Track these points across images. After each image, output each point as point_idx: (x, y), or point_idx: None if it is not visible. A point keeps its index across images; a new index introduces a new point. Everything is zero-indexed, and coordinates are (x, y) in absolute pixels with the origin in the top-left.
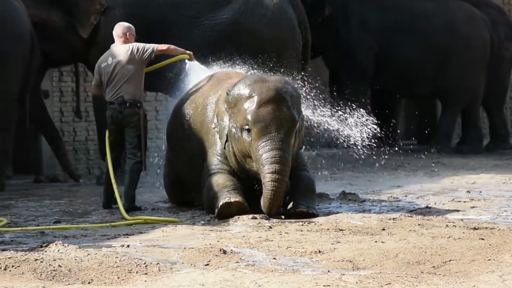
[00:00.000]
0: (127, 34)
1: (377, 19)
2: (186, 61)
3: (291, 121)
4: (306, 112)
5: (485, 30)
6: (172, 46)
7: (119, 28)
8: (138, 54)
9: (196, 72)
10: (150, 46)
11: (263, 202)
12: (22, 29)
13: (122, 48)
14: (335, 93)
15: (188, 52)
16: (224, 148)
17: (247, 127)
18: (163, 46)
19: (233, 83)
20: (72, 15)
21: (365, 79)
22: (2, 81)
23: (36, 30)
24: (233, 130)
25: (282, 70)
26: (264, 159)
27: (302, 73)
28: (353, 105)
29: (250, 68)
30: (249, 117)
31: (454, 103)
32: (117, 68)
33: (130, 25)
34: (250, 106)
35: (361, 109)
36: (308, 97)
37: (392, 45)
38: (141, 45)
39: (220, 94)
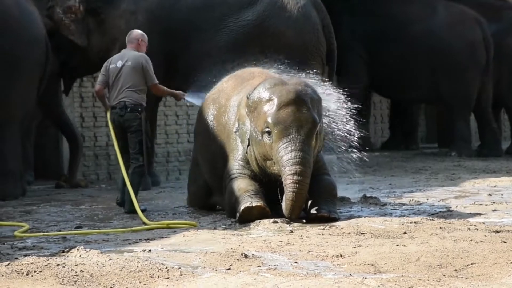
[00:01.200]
0: (139, 41)
1: (366, 27)
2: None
3: (312, 122)
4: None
5: (475, 31)
6: (162, 89)
7: (132, 35)
8: (144, 70)
9: (196, 102)
10: (152, 76)
11: (285, 204)
12: (37, 34)
13: (133, 54)
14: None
15: (177, 93)
16: (246, 152)
17: (267, 129)
18: (159, 88)
19: (255, 85)
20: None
21: (358, 87)
22: (18, 87)
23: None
24: (254, 134)
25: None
26: (285, 160)
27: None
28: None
29: (275, 66)
30: (269, 119)
31: (458, 107)
32: (123, 72)
33: (143, 33)
34: (270, 109)
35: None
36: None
37: (381, 53)
38: (149, 66)
39: (242, 97)
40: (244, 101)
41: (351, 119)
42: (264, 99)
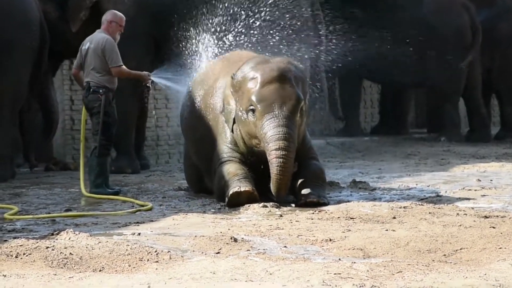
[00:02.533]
0: (109, 22)
1: (354, 12)
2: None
3: (295, 98)
4: None
5: (462, 16)
6: (125, 72)
7: (104, 16)
8: (103, 52)
9: (163, 83)
10: (113, 59)
11: (272, 180)
12: (30, 18)
13: (100, 37)
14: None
15: (142, 74)
16: (232, 131)
17: (251, 107)
18: (122, 71)
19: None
20: (64, 8)
21: (353, 74)
22: (11, 71)
23: None
24: (239, 113)
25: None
26: (269, 136)
27: None
28: None
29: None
30: (253, 97)
31: (446, 92)
32: (89, 54)
33: (117, 14)
34: (253, 86)
35: None
36: None
37: (369, 39)
38: (109, 48)
39: (223, 77)
40: (228, 81)
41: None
42: (248, 77)
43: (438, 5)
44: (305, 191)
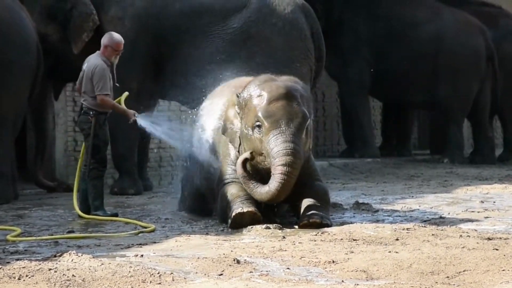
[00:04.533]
0: (105, 46)
1: (369, 28)
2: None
3: (302, 116)
4: None
5: (479, 39)
6: (109, 103)
7: (103, 38)
8: (92, 78)
9: (147, 126)
10: (99, 86)
11: (267, 189)
12: (28, 38)
13: (92, 61)
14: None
15: (128, 112)
16: (238, 151)
17: (258, 123)
18: (105, 101)
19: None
20: (66, 30)
21: (363, 91)
22: (10, 90)
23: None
24: (245, 130)
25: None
26: (275, 152)
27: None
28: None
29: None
30: (259, 113)
31: (454, 113)
32: (84, 77)
33: (113, 39)
34: (260, 103)
35: None
36: None
37: (384, 54)
38: (98, 75)
39: (228, 100)
40: (233, 101)
41: None
42: (254, 95)
43: (458, 25)
44: (308, 212)
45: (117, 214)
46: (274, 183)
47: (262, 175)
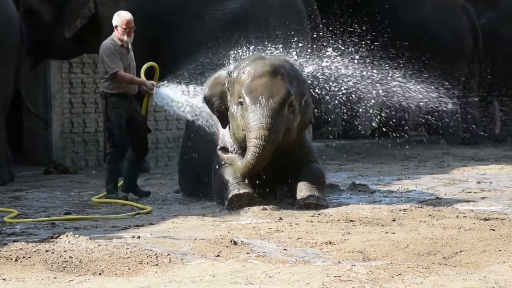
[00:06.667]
0: (115, 27)
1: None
2: (155, 90)
3: (284, 92)
4: None
5: (462, 19)
6: (128, 77)
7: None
8: (101, 58)
9: (165, 99)
10: (108, 65)
11: (242, 163)
12: (10, 17)
13: (104, 42)
14: None
15: (147, 83)
16: (224, 128)
17: (240, 100)
18: (122, 77)
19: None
20: (62, 13)
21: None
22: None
23: (28, 17)
24: (231, 108)
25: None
26: (251, 125)
27: None
28: None
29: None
30: (242, 90)
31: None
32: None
33: (120, 17)
34: (245, 80)
35: None
36: None
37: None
38: (105, 54)
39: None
40: (226, 79)
41: None
42: (242, 73)
43: (438, 7)
44: (304, 193)
45: (127, 197)
46: (247, 156)
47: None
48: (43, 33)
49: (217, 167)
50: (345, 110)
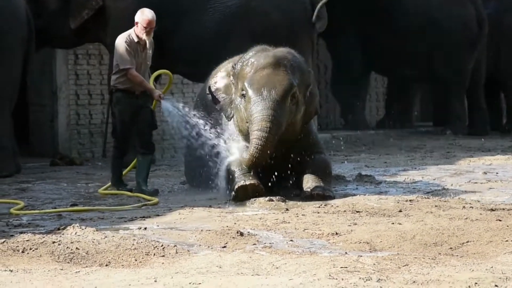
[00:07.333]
0: (136, 23)
1: (359, 5)
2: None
3: (287, 84)
4: None
5: (468, 9)
6: (138, 79)
7: (136, 15)
8: (114, 50)
9: (170, 113)
10: (121, 59)
11: (246, 155)
12: (18, 10)
13: (119, 36)
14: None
15: (155, 92)
16: (230, 119)
17: (243, 92)
18: (133, 76)
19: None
20: (68, 3)
21: (353, 65)
22: (6, 62)
23: (31, 4)
24: (236, 101)
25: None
26: (254, 117)
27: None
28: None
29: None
30: (245, 82)
31: (452, 85)
32: None
33: (143, 14)
34: (248, 72)
35: None
36: None
37: (373, 30)
38: (119, 47)
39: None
40: (230, 72)
41: None
42: (245, 65)
43: None
44: (311, 184)
45: (131, 189)
46: (250, 149)
47: None
48: (46, 21)
49: (223, 158)
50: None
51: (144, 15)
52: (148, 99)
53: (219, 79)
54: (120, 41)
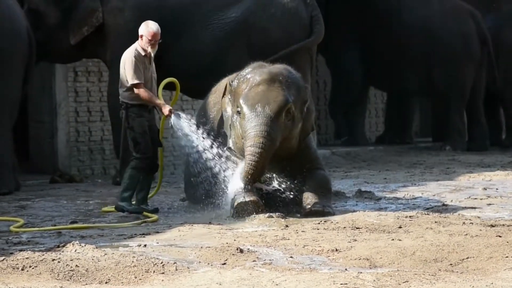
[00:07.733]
0: (140, 36)
1: (359, 19)
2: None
3: (281, 100)
4: None
5: (470, 24)
6: (146, 95)
7: (140, 27)
8: (123, 67)
9: (180, 128)
10: (130, 75)
11: (241, 171)
12: (19, 26)
13: (127, 50)
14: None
15: (164, 107)
16: (229, 137)
17: (238, 109)
18: (141, 93)
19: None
20: (69, 18)
21: (354, 81)
22: (7, 78)
23: (30, 17)
24: (232, 118)
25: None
26: (248, 133)
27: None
28: None
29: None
30: (240, 99)
31: (452, 100)
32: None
33: (147, 27)
34: (243, 89)
35: None
36: None
37: (376, 44)
38: (128, 64)
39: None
40: (228, 89)
41: None
42: (242, 82)
43: (445, 11)
44: (310, 200)
45: (141, 212)
46: (245, 165)
47: None
48: (45, 35)
49: (222, 174)
50: None
51: (149, 28)
52: (154, 116)
53: (217, 95)
54: (128, 56)
